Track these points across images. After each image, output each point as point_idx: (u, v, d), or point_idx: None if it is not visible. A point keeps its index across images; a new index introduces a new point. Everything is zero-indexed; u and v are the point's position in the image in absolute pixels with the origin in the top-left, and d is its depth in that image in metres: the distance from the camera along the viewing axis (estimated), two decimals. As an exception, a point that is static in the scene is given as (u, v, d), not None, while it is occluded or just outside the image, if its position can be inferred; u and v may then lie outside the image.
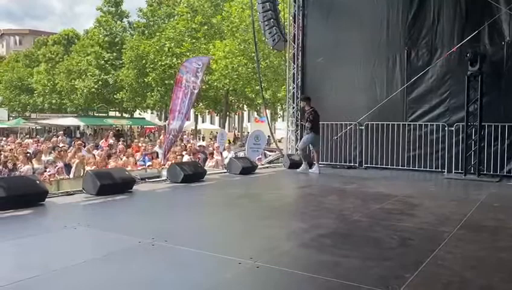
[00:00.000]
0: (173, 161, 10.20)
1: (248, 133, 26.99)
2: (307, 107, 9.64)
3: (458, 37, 9.26)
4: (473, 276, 3.17)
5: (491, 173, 8.78)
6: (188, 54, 26.43)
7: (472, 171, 8.74)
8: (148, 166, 11.26)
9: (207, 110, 37.02)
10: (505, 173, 8.71)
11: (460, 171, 8.95)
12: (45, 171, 9.69)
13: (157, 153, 12.59)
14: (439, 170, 9.39)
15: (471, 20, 9.11)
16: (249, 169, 9.16)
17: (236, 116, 45.19)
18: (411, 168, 9.75)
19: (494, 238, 4.25)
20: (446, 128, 9.33)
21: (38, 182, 5.76)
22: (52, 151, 11.86)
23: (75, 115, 38.68)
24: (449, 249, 3.79)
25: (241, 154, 14.34)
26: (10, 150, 11.40)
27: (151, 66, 30.10)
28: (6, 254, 3.67)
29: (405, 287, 2.86)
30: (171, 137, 10.93)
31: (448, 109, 9.44)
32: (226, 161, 11.34)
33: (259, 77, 16.34)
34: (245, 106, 34.82)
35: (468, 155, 8.75)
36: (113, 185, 6.29)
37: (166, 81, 29.46)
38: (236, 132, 40.81)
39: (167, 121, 13.36)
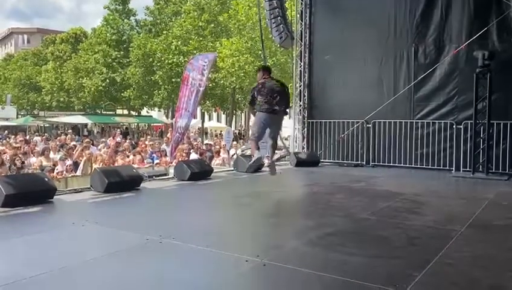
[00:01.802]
0: (180, 159, 10.22)
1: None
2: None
3: (466, 34, 9.18)
4: (481, 275, 3.14)
5: (500, 171, 8.71)
6: (194, 52, 26.46)
7: (480, 170, 8.66)
8: (156, 164, 11.29)
9: (213, 108, 37.06)
10: (514, 172, 8.64)
11: (468, 169, 8.87)
12: (54, 168, 9.77)
13: (165, 150, 12.62)
14: (447, 168, 9.32)
15: (480, 17, 9.02)
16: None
17: (243, 114, 45.17)
18: (419, 166, 9.69)
19: (503, 237, 4.21)
20: (454, 126, 9.25)
21: (46, 179, 5.80)
22: (61, 149, 11.94)
23: (83, 113, 38.89)
24: (457, 248, 3.76)
25: (248, 152, 14.34)
26: (17, 148, 11.46)
27: (158, 64, 30.21)
28: (15, 250, 3.71)
29: (413, 286, 2.85)
30: (178, 135, 10.95)
31: (456, 106, 9.36)
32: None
33: (266, 74, 16.31)
34: (252, 104, 34.75)
35: (477, 153, 8.67)
36: (120, 183, 6.32)
37: (173, 79, 29.57)
38: (242, 130, 40.78)
39: (174, 119, 13.38)
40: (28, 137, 19.19)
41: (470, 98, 8.73)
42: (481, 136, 8.67)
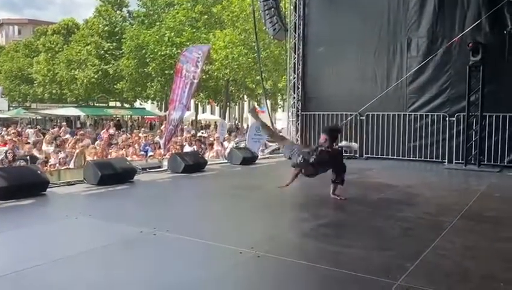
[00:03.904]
0: (174, 151, 10.19)
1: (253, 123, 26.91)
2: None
3: (459, 26, 9.20)
4: (473, 266, 3.18)
5: (492, 163, 8.78)
6: (188, 43, 26.21)
7: (473, 162, 8.73)
8: (149, 156, 11.25)
9: (207, 100, 36.91)
10: (505, 164, 8.72)
11: (460, 161, 8.94)
12: (47, 161, 9.70)
13: (159, 143, 12.57)
14: (440, 160, 9.39)
15: (473, 9, 9.05)
16: (249, 159, 9.17)
17: (237, 107, 45.07)
18: (412, 158, 9.75)
19: (495, 229, 4.26)
20: (447, 119, 9.31)
21: (39, 172, 5.77)
22: (54, 141, 11.84)
23: (75, 105, 38.55)
24: (450, 239, 3.80)
25: (242, 144, 14.33)
26: (10, 140, 11.35)
27: (151, 56, 29.96)
28: (8, 243, 3.69)
29: (405, 276, 2.87)
30: (171, 127, 10.90)
31: (448, 99, 9.41)
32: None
33: (259, 66, 16.27)
34: (245, 96, 34.73)
35: (469, 145, 8.74)
36: (114, 175, 6.30)
37: (166, 71, 29.33)
38: (236, 122, 40.73)
39: (167, 111, 13.33)
40: (20, 129, 19.01)
41: (462, 91, 8.78)
42: (473, 128, 8.73)
